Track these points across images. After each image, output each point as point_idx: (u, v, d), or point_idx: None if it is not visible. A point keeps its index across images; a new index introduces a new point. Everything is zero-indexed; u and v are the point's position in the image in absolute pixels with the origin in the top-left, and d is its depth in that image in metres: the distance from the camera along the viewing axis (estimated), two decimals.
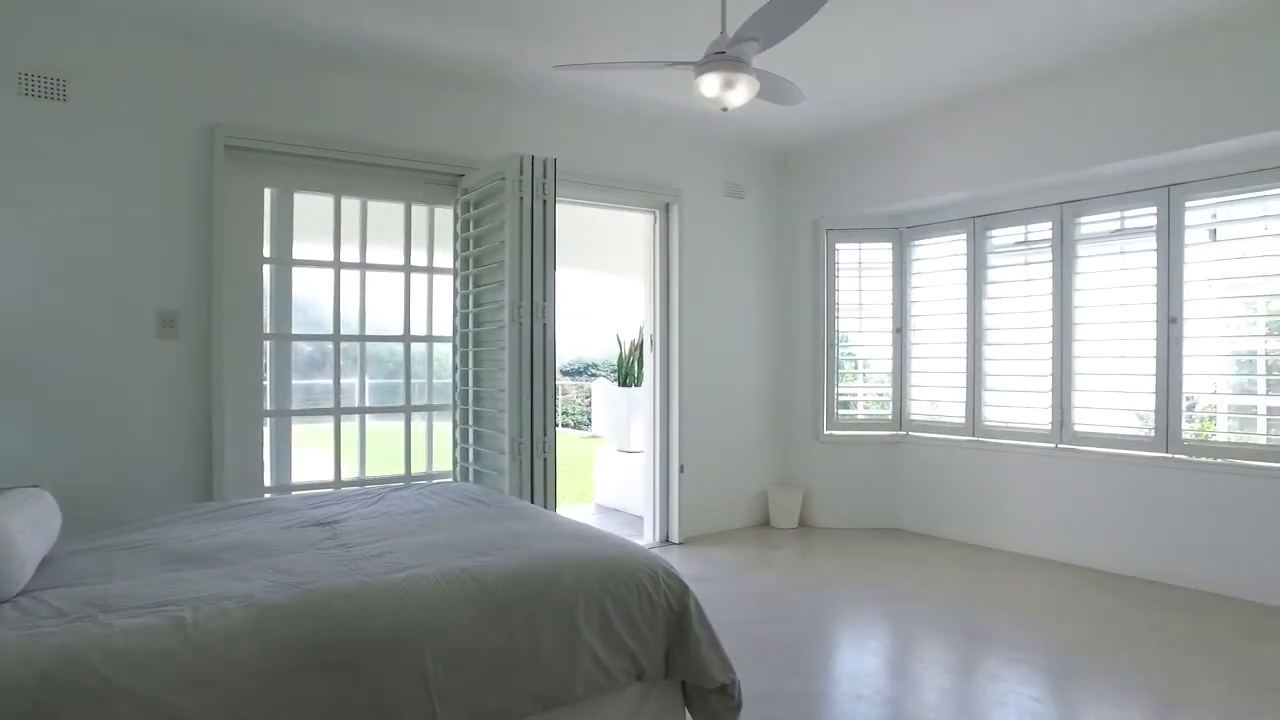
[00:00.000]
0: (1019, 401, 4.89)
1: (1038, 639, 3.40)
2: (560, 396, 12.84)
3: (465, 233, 4.19)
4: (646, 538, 5.26)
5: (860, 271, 5.66)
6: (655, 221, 5.24)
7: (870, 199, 5.34)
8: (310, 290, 4.14)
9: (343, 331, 4.09)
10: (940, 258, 5.36)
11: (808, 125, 5.15)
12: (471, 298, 4.13)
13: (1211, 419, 4.25)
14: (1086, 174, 4.33)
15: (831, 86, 4.38)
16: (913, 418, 5.49)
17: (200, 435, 3.64)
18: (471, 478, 4.10)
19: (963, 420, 5.15)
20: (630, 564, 2.23)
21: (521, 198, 3.73)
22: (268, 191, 3.89)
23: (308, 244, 4.05)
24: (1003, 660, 3.21)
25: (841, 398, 5.73)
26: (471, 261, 4.14)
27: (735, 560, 4.73)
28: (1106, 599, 3.90)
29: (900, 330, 5.53)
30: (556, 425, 3.87)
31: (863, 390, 5.83)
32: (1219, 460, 4.00)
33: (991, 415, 5.02)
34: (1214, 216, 4.14)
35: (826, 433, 5.64)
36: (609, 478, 6.71)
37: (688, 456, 5.23)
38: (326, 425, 4.11)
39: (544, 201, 3.78)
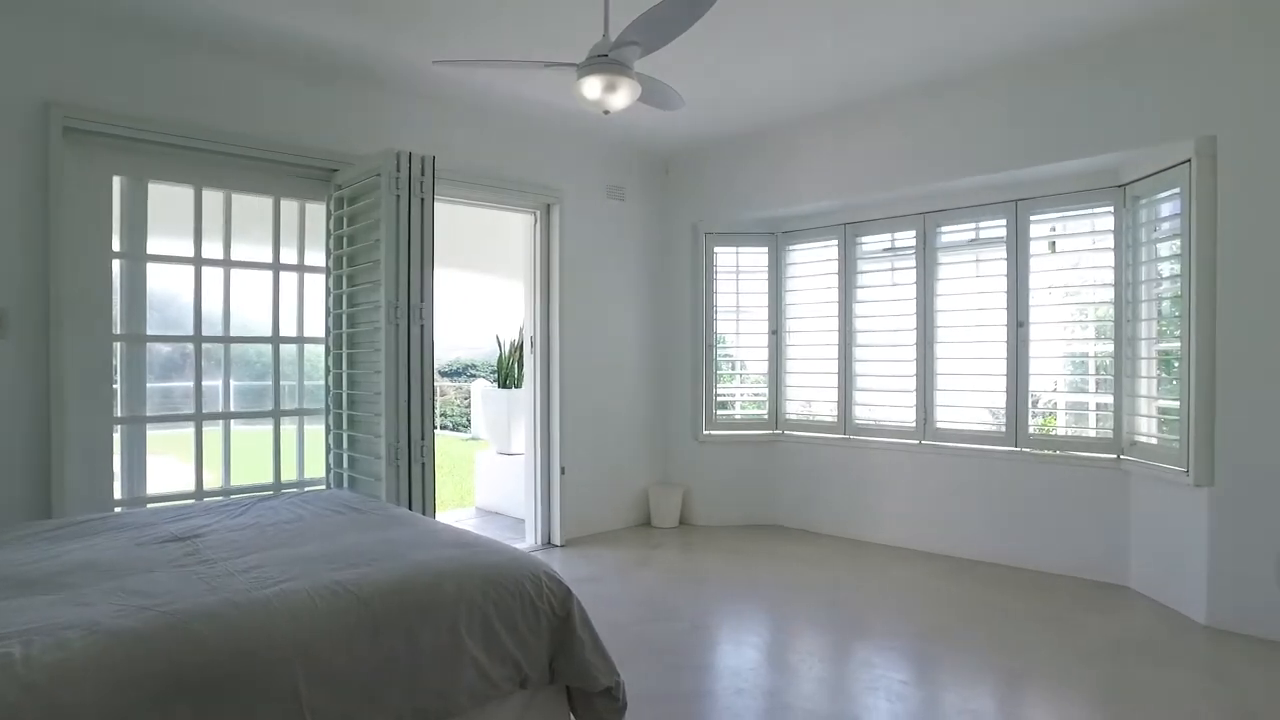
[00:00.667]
0: (886, 401, 5.15)
1: (905, 625, 3.59)
2: (439, 399, 12.53)
3: (339, 230, 4.02)
4: (528, 540, 5.21)
5: (738, 275, 5.81)
6: (536, 222, 5.20)
7: (748, 204, 5.49)
8: (168, 288, 3.87)
9: (205, 332, 3.84)
10: (813, 262, 5.58)
11: (688, 130, 5.25)
12: (346, 298, 3.97)
13: (1052, 414, 4.62)
14: (946, 186, 4.61)
15: (711, 93, 4.48)
16: (788, 417, 5.69)
17: (37, 445, 3.32)
18: (346, 485, 3.94)
19: (835, 419, 5.38)
20: (513, 570, 2.21)
21: (398, 195, 3.61)
22: (118, 180, 3.60)
23: (166, 239, 3.78)
24: (874, 647, 3.37)
25: (720, 398, 5.87)
26: (345, 260, 3.98)
27: (617, 561, 4.75)
28: (965, 584, 4.17)
29: (776, 332, 5.72)
30: (435, 429, 3.78)
31: (740, 391, 5.99)
32: (1058, 452, 4.35)
33: (862, 414, 5.26)
34: (1053, 230, 4.50)
35: (705, 433, 5.76)
36: (490, 481, 6.61)
37: (569, 458, 5.22)
38: (187, 431, 3.85)
39: (422, 200, 3.68)
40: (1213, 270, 3.53)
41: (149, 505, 3.58)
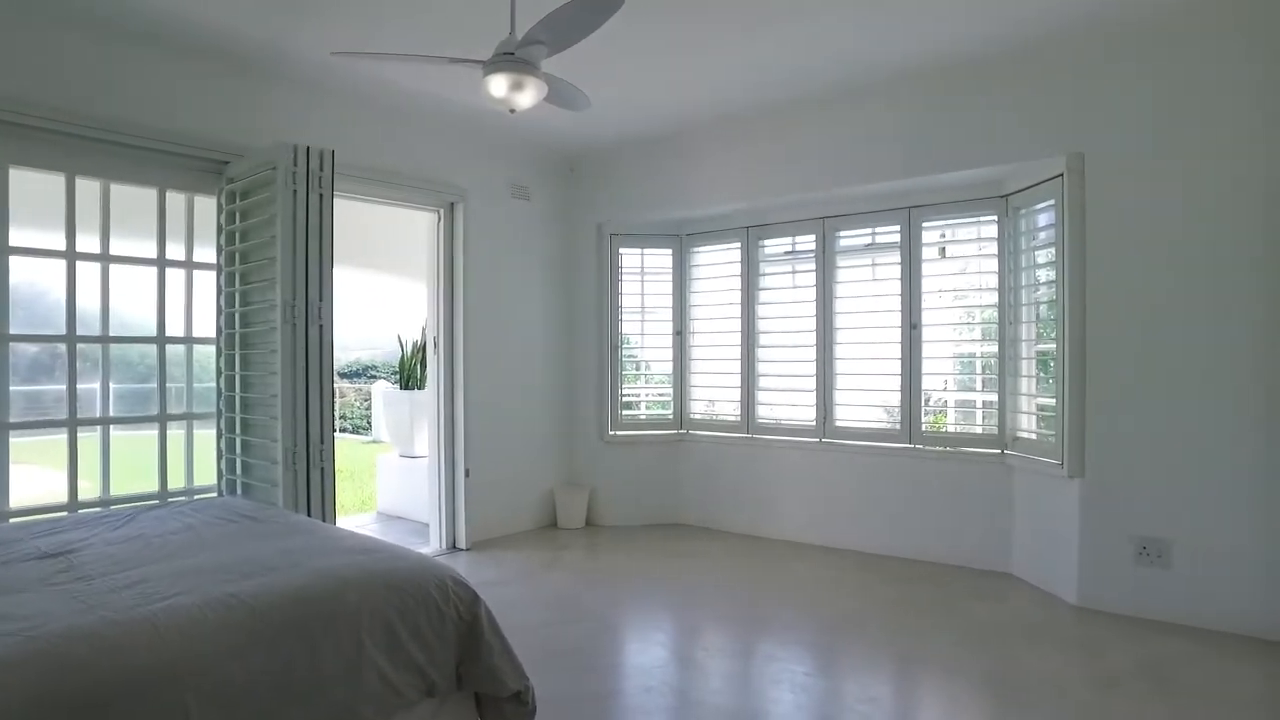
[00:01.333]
0: (788, 400, 5.29)
1: (807, 618, 3.71)
2: (338, 401, 12.11)
3: (231, 225, 3.83)
4: (433, 545, 5.11)
5: (643, 276, 5.86)
6: (439, 220, 5.10)
7: (653, 206, 5.55)
8: (36, 284, 3.60)
9: (81, 331, 3.59)
10: (717, 264, 5.67)
11: (594, 130, 5.25)
12: (239, 296, 3.79)
13: (943, 412, 4.86)
14: (844, 193, 4.78)
15: (617, 94, 4.50)
16: (693, 417, 5.77)
17: None
18: (240, 492, 3.76)
19: (738, 418, 5.49)
20: (417, 576, 2.16)
21: (295, 190, 3.48)
22: None
23: (33, 230, 3.51)
24: (778, 641, 3.46)
25: (625, 399, 5.90)
26: (239, 257, 3.80)
27: (524, 563, 4.72)
28: (863, 577, 4.34)
29: (680, 333, 5.79)
30: (335, 432, 3.65)
31: (645, 391, 6.04)
32: (949, 448, 4.58)
33: (764, 413, 5.39)
34: (943, 236, 4.73)
35: (611, 433, 5.78)
36: (392, 484, 6.44)
37: (474, 460, 5.14)
38: (58, 438, 3.59)
39: (320, 195, 3.55)
40: (1082, 276, 3.79)
41: (12, 520, 3.32)
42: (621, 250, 5.82)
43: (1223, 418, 3.44)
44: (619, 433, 5.81)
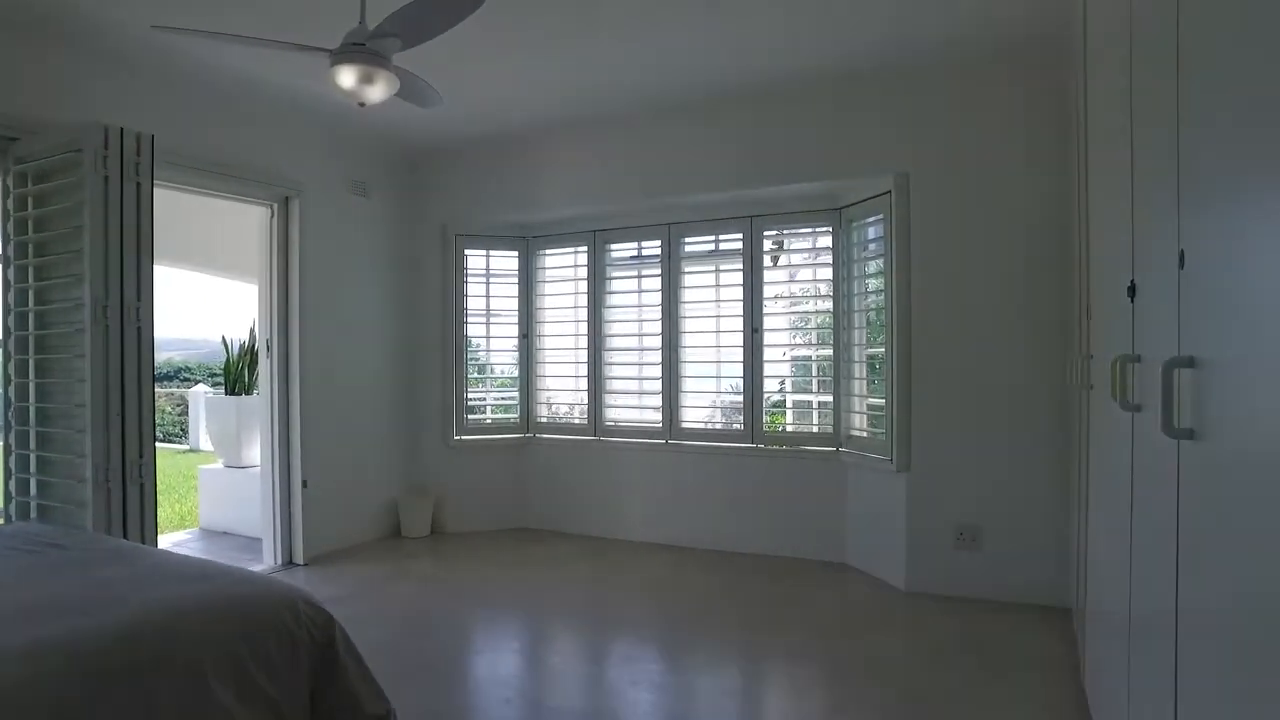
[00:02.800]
0: (635, 402, 5.38)
1: (659, 617, 3.78)
2: None
3: (21, 212, 3.39)
4: (267, 561, 4.76)
5: (489, 278, 5.75)
6: (273, 216, 4.76)
7: (499, 208, 5.46)
8: None
9: None
10: (564, 267, 5.67)
11: (439, 128, 5.09)
12: (34, 294, 3.35)
13: (782, 413, 5.11)
14: (690, 200, 4.92)
15: (464, 93, 4.38)
16: (539, 420, 5.73)
17: None
18: (35, 515, 3.34)
19: (585, 421, 5.51)
20: (265, 600, 2.02)
21: (107, 176, 3.14)
22: None
23: None
24: (633, 641, 3.51)
25: (470, 403, 5.77)
26: (31, 249, 3.37)
27: (367, 576, 4.50)
28: (712, 575, 4.48)
29: (527, 336, 5.74)
30: (155, 443, 3.33)
31: (491, 395, 5.94)
32: (788, 447, 4.82)
33: (612, 415, 5.45)
34: (778, 245, 4.98)
35: (456, 438, 5.63)
36: (217, 498, 5.95)
37: (311, 469, 4.84)
38: None
39: (137, 184, 3.23)
40: (908, 285, 4.11)
41: None
42: (467, 251, 5.68)
43: (1029, 415, 3.85)
44: (465, 438, 5.67)
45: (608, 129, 5.01)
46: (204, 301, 8.38)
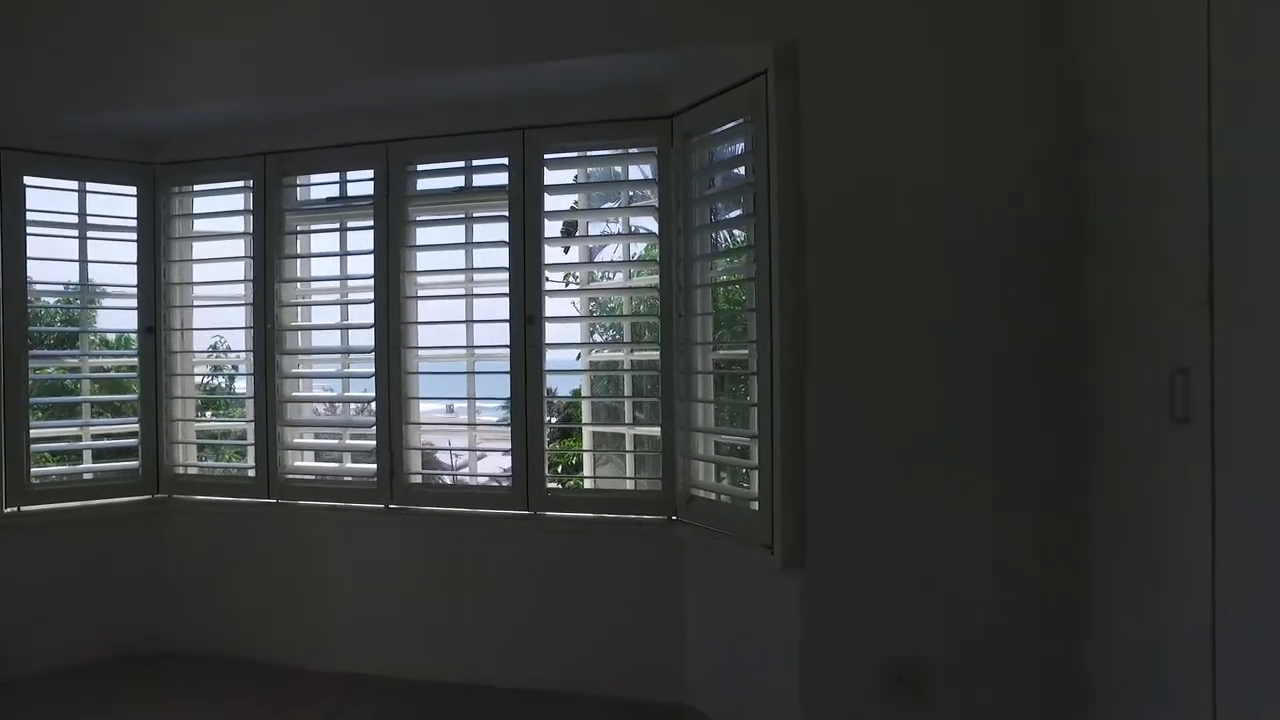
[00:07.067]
0: (334, 441, 3.26)
1: None
2: None
3: None
4: None
5: (83, 232, 3.36)
6: None
7: (90, 98, 3.06)
8: None
9: None
10: (216, 215, 3.44)
11: None
12: None
13: (574, 456, 3.18)
14: (422, 91, 2.85)
15: None
16: (177, 471, 3.42)
17: None
18: None
19: (253, 472, 3.29)
20: None
21: None
22: None
23: None
24: None
25: (44, 444, 3.35)
26: None
27: None
28: None
29: (154, 329, 3.40)
30: None
31: (93, 429, 3.51)
32: (587, 514, 2.90)
33: (298, 463, 3.30)
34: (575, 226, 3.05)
35: (11, 509, 3.17)
36: None
37: None
38: None
39: None
40: (797, 243, 2.32)
41: None
42: (29, 183, 3.23)
43: (1013, 463, 2.20)
44: (32, 507, 3.22)
45: None
46: None
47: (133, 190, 3.42)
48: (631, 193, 3.09)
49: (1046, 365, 2.18)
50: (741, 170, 2.69)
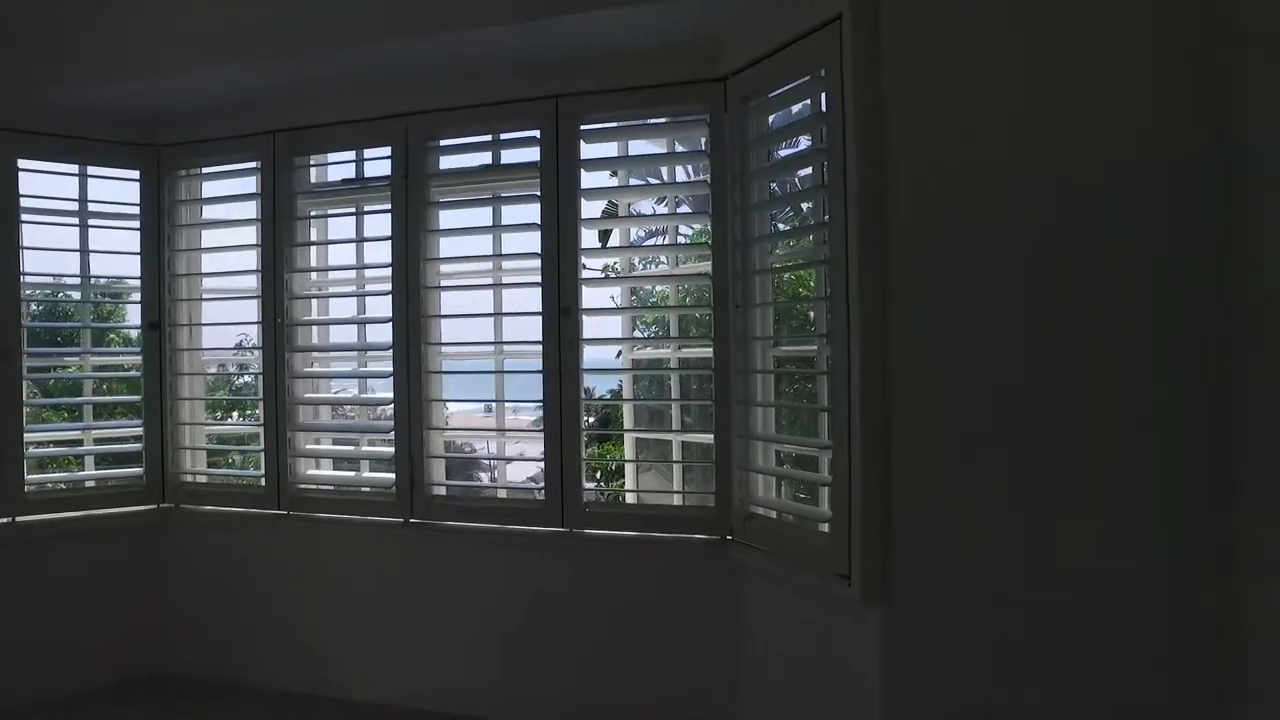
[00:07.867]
0: (347, 449, 2.97)
1: None
2: None
3: None
4: None
5: (84, 219, 3.11)
6: None
7: (85, 71, 2.81)
8: None
9: None
10: (223, 201, 3.19)
11: None
12: None
13: (615, 465, 2.85)
14: (443, 53, 2.53)
15: None
16: (185, 479, 3.16)
17: None
18: None
19: (264, 483, 3.01)
20: None
21: None
22: None
23: None
24: None
25: (40, 447, 3.12)
26: None
27: None
28: None
29: (158, 326, 3.14)
30: None
31: (95, 431, 3.26)
32: (626, 533, 2.57)
33: (310, 472, 3.04)
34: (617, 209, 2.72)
35: (13, 519, 2.93)
36: None
37: None
38: None
39: None
40: (878, 221, 1.95)
41: None
42: (23, 165, 2.98)
43: (1144, 481, 1.81)
44: (30, 518, 2.98)
45: None
46: None
47: (135, 174, 3.16)
48: (679, 167, 2.73)
49: (1198, 383, 1.78)
50: (807, 140, 2.34)
